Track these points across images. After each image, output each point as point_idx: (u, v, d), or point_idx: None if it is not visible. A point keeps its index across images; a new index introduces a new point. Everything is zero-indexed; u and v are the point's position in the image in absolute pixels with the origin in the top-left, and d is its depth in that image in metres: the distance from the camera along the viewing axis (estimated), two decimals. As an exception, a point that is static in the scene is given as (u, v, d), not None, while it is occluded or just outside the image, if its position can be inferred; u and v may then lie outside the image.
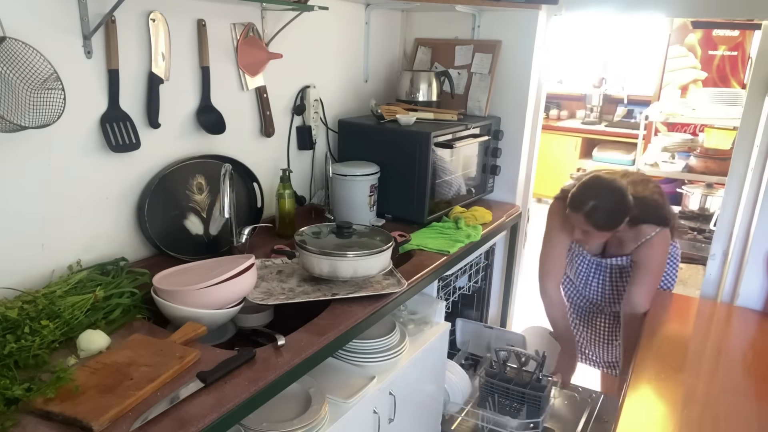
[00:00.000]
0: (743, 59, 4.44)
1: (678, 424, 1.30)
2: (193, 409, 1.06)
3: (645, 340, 1.66)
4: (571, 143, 5.40)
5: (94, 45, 1.47)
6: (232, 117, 1.87)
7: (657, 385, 1.44)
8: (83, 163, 1.51)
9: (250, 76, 1.94)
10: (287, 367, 1.23)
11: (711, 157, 3.62)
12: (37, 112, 1.29)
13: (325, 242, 1.62)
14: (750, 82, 1.97)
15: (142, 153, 1.63)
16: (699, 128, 4.35)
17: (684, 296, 2.12)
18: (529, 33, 2.36)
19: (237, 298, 1.43)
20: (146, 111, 1.64)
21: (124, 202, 1.65)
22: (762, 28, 1.95)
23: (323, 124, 2.32)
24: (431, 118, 2.25)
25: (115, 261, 1.57)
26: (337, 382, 1.55)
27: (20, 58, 1.26)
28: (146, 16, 1.58)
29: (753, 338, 1.74)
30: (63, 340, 1.24)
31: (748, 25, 3.80)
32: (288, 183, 1.98)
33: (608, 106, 5.55)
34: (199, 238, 1.79)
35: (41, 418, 1.02)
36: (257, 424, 1.32)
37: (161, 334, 1.32)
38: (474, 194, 2.40)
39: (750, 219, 1.95)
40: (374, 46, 2.53)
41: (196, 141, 1.81)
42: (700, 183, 3.61)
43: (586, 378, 2.39)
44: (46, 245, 1.46)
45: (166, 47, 1.64)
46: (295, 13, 1.95)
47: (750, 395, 1.41)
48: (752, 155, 1.95)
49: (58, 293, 1.34)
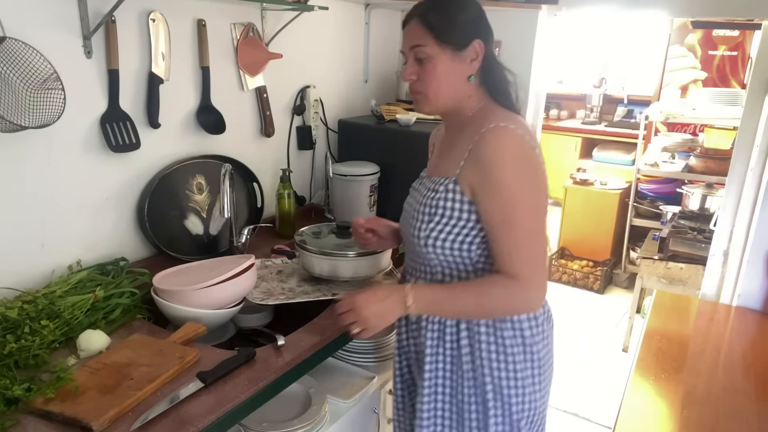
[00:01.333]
0: (743, 59, 4.44)
1: (678, 424, 1.30)
2: (193, 409, 1.06)
3: (645, 340, 1.66)
4: (571, 143, 5.39)
5: (94, 45, 1.47)
6: (232, 117, 1.87)
7: (657, 385, 1.44)
8: (83, 163, 1.51)
9: (250, 76, 1.94)
10: (287, 367, 1.23)
11: (711, 157, 3.61)
12: (37, 112, 1.29)
13: (325, 242, 1.62)
14: (750, 82, 1.97)
15: (142, 153, 1.63)
16: (699, 128, 4.34)
17: (684, 296, 2.12)
18: (529, 33, 2.36)
19: (237, 298, 1.43)
20: (146, 111, 1.64)
21: (124, 202, 1.65)
22: (762, 28, 1.95)
23: (323, 124, 2.32)
24: (431, 118, 2.25)
25: (115, 261, 1.57)
26: (337, 382, 1.55)
27: (20, 58, 1.26)
28: (146, 16, 1.58)
29: (753, 338, 1.74)
30: (63, 340, 1.24)
31: (748, 25, 3.80)
32: (288, 183, 1.98)
33: (608, 106, 5.55)
34: (199, 238, 1.79)
35: (41, 417, 1.02)
36: (257, 424, 1.32)
37: (161, 334, 1.32)
38: (474, 194, 2.40)
39: (750, 219, 1.95)
40: (374, 46, 2.53)
41: (196, 141, 1.81)
42: (700, 183, 3.61)
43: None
44: (46, 245, 1.46)
45: (166, 47, 1.64)
46: (295, 13, 1.95)
47: (750, 395, 1.41)
48: (752, 155, 1.95)
49: (58, 293, 1.34)
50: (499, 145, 1.10)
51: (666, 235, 3.09)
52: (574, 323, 3.60)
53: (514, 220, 1.10)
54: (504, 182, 1.09)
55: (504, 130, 1.11)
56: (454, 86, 1.18)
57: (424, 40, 1.14)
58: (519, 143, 1.11)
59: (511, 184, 1.09)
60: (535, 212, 1.12)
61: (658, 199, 4.01)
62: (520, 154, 1.11)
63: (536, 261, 1.13)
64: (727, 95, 3.83)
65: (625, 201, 4.00)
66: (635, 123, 4.84)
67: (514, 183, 1.09)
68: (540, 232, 1.14)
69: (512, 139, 1.11)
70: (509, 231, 1.10)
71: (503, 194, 1.09)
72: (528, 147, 1.12)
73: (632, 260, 3.99)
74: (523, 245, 1.11)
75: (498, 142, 1.10)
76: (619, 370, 3.03)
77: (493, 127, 1.11)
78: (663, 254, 3.04)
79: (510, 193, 1.09)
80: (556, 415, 2.72)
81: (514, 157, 1.10)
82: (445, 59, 1.15)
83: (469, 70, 1.18)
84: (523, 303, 1.15)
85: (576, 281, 4.09)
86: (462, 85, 1.19)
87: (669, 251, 3.02)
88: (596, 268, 4.10)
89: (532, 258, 1.12)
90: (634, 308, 3.27)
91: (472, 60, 1.17)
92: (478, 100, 1.21)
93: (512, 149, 1.11)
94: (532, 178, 1.13)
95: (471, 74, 1.18)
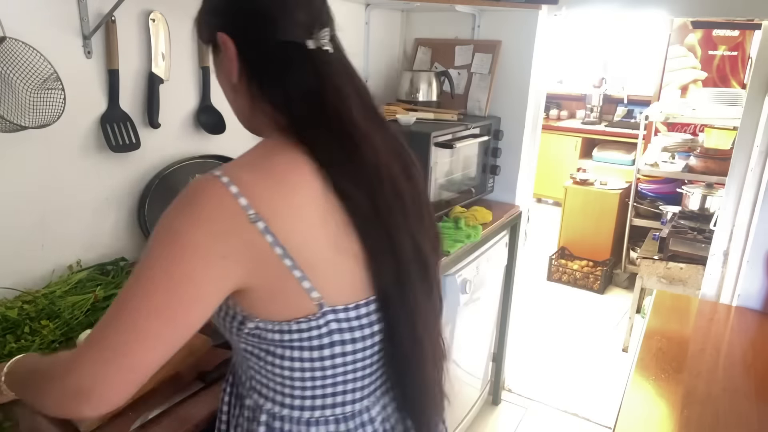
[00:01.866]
0: (743, 59, 4.44)
1: (678, 424, 1.30)
2: (193, 409, 1.06)
3: (645, 340, 1.66)
4: (571, 143, 5.40)
5: (94, 45, 1.47)
6: (233, 117, 1.86)
7: (657, 385, 1.44)
8: (83, 163, 1.51)
9: (250, 76, 1.94)
10: (287, 367, 1.23)
11: (711, 157, 3.61)
12: (37, 112, 1.29)
13: (325, 242, 1.61)
14: (750, 82, 1.97)
15: (142, 153, 1.63)
16: (699, 128, 4.34)
17: (684, 296, 2.12)
18: (529, 33, 2.36)
19: (237, 298, 1.42)
20: (146, 111, 1.64)
21: (124, 202, 1.65)
22: (762, 28, 1.95)
23: (323, 124, 2.32)
24: (431, 118, 2.25)
25: (115, 261, 1.57)
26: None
27: (20, 58, 1.26)
28: (146, 16, 1.58)
29: (753, 338, 1.74)
30: (63, 340, 1.24)
31: (748, 25, 3.80)
32: (288, 183, 1.97)
33: (608, 106, 5.55)
34: (199, 238, 1.79)
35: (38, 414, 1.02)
36: (257, 424, 1.32)
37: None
38: (474, 194, 2.40)
39: (750, 219, 1.95)
40: (374, 46, 2.53)
41: (196, 141, 1.81)
42: (700, 183, 3.61)
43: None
44: (46, 245, 1.46)
45: (166, 47, 1.64)
46: (295, 13, 1.95)
47: (750, 395, 1.41)
48: (752, 155, 1.95)
49: (58, 293, 1.34)
50: (179, 196, 0.74)
51: (666, 235, 3.09)
52: (574, 323, 3.60)
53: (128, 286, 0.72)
54: (151, 241, 0.73)
55: (198, 181, 0.74)
56: (229, 98, 0.91)
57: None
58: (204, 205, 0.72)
59: (153, 246, 0.72)
60: (156, 288, 0.70)
61: (658, 199, 4.01)
62: (192, 218, 0.71)
63: (104, 337, 0.70)
64: (727, 95, 3.83)
65: (625, 201, 4.00)
66: (635, 123, 4.84)
67: (155, 247, 0.72)
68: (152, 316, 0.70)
69: (198, 195, 0.73)
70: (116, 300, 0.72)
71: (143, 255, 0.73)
72: (223, 215, 0.71)
73: (632, 260, 3.99)
74: (110, 313, 0.72)
75: (182, 193, 0.74)
76: (619, 370, 3.03)
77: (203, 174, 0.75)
78: (663, 254, 3.04)
79: (148, 248, 0.73)
80: (556, 415, 2.72)
81: (178, 218, 0.72)
82: (214, 65, 0.89)
83: (228, 75, 0.85)
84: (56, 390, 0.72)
85: (576, 281, 4.09)
86: (234, 97, 0.89)
87: (669, 251, 3.02)
88: (596, 268, 4.10)
89: (104, 331, 0.71)
90: (634, 308, 3.27)
91: (229, 60, 0.83)
92: (273, 120, 0.82)
93: (186, 207, 0.73)
94: (183, 254, 0.70)
95: (231, 79, 0.84)
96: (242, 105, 0.87)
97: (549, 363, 3.13)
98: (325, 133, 0.79)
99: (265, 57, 0.81)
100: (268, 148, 0.81)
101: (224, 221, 0.71)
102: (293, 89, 0.80)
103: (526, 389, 2.89)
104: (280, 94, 0.80)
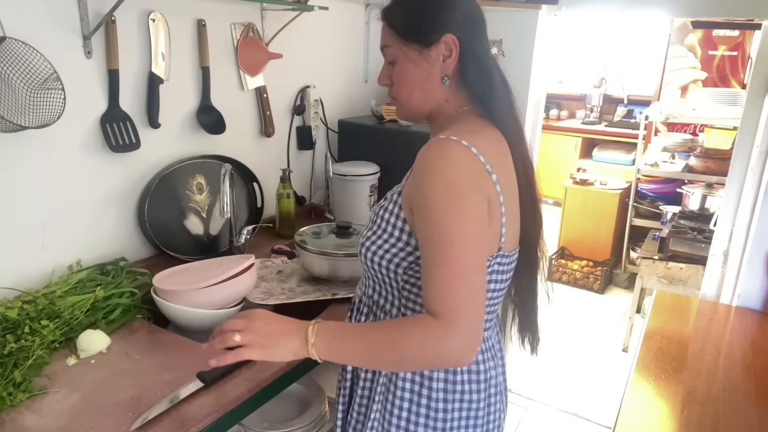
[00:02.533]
0: (743, 59, 4.44)
1: (678, 424, 1.30)
2: (193, 409, 1.06)
3: (645, 339, 1.66)
4: (571, 143, 5.40)
5: (94, 45, 1.47)
6: (232, 117, 1.87)
7: (657, 385, 1.44)
8: (83, 163, 1.51)
9: (250, 76, 1.94)
10: (287, 367, 1.23)
11: (711, 157, 3.61)
12: (37, 112, 1.29)
13: (325, 242, 1.62)
14: (750, 82, 1.97)
15: (142, 153, 1.63)
16: (699, 128, 4.34)
17: (684, 296, 2.12)
18: (529, 33, 2.36)
19: (237, 298, 1.43)
20: (146, 111, 1.64)
21: (124, 202, 1.65)
22: (762, 28, 1.95)
23: (323, 124, 2.32)
24: (431, 118, 2.25)
25: (115, 261, 1.57)
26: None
27: (20, 58, 1.26)
28: (146, 16, 1.58)
29: (753, 338, 1.74)
30: (63, 340, 1.24)
31: (748, 25, 3.80)
32: (288, 183, 1.98)
33: (608, 106, 5.55)
34: (199, 238, 1.79)
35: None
36: (257, 424, 1.32)
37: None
38: (474, 194, 2.40)
39: (750, 219, 1.95)
40: (374, 46, 2.52)
41: (196, 141, 1.81)
42: (700, 183, 3.60)
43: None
44: (46, 245, 1.46)
45: (166, 47, 1.64)
46: (295, 13, 1.95)
47: (750, 395, 1.41)
48: (752, 155, 1.95)
49: (58, 293, 1.34)
50: (435, 158, 0.90)
51: (666, 235, 3.08)
52: (574, 323, 3.60)
53: (443, 249, 0.87)
54: (433, 203, 0.88)
55: (445, 143, 0.91)
56: (426, 89, 1.03)
57: (390, 41, 1.03)
58: (460, 160, 0.90)
59: (440, 207, 0.87)
60: (469, 244, 0.87)
61: (658, 199, 4.01)
62: (457, 172, 0.89)
63: (466, 301, 0.86)
64: (727, 95, 3.83)
65: (625, 201, 4.00)
66: (635, 123, 4.84)
67: (444, 205, 0.87)
68: (474, 270, 0.88)
69: (452, 153, 0.90)
70: (437, 261, 0.87)
71: (433, 218, 0.88)
72: (474, 166, 0.91)
73: (632, 260, 3.99)
74: (452, 281, 0.86)
75: (435, 155, 0.91)
76: (619, 370, 3.03)
77: (439, 138, 0.93)
78: (663, 254, 3.04)
79: (439, 217, 0.87)
80: (556, 415, 2.72)
81: (448, 175, 0.89)
82: (411, 60, 1.01)
83: (442, 71, 1.00)
84: (443, 350, 0.85)
85: (576, 281, 4.09)
86: (435, 88, 1.02)
87: (669, 251, 3.02)
88: (596, 268, 4.10)
89: (461, 297, 0.86)
90: (634, 308, 3.27)
91: (445, 58, 0.99)
92: (459, 105, 1.04)
93: (449, 166, 0.89)
94: (467, 203, 0.88)
95: (445, 75, 1.01)
96: (438, 95, 1.04)
97: (549, 363, 3.13)
98: (507, 118, 1.04)
99: (477, 59, 1.01)
100: (473, 124, 1.01)
101: (477, 171, 0.92)
102: (488, 86, 1.02)
103: (526, 389, 2.89)
104: (480, 89, 1.02)
